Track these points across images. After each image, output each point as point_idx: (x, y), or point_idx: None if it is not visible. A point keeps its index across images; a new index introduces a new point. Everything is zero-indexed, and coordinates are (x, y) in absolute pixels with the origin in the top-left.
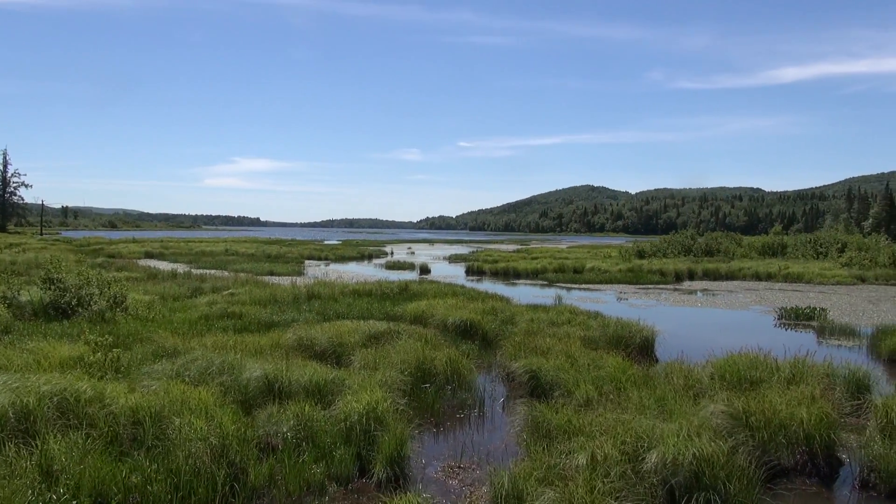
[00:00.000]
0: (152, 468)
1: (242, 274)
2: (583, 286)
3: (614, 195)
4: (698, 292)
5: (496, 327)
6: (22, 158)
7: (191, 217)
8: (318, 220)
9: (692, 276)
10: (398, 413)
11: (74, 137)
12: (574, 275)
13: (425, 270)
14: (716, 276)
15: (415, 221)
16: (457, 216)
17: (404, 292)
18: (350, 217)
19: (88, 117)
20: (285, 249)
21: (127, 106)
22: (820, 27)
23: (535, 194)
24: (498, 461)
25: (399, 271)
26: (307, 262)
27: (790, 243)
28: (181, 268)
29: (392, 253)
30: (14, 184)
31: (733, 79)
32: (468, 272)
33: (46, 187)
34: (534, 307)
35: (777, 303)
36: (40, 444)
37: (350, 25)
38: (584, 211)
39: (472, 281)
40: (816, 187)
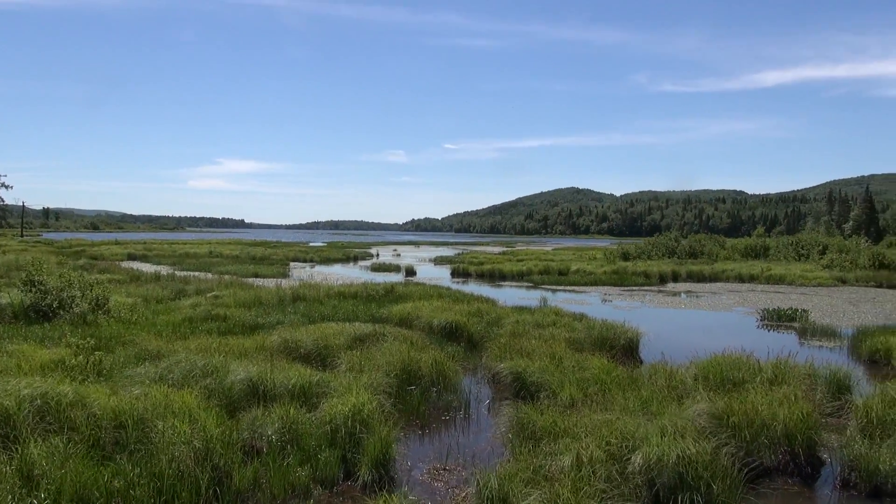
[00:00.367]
0: (135, 472)
1: (227, 276)
2: (568, 288)
3: (599, 197)
4: (682, 294)
5: (482, 329)
6: (2, 159)
7: (174, 219)
8: (304, 222)
9: (676, 278)
10: (384, 415)
11: (56, 138)
12: (559, 277)
13: (411, 272)
14: (699, 278)
15: (401, 223)
16: (442, 218)
17: (390, 294)
18: (335, 219)
19: (71, 118)
20: (270, 251)
21: (110, 107)
22: (801, 32)
23: (521, 196)
24: (484, 463)
25: (385, 273)
26: (292, 264)
27: (773, 245)
28: (164, 270)
29: (378, 255)
30: None
31: (716, 82)
32: (454, 274)
33: (28, 188)
34: (519, 309)
35: (760, 304)
36: (20, 449)
37: (337, 28)
38: (570, 213)
39: (458, 283)
40: (798, 190)
